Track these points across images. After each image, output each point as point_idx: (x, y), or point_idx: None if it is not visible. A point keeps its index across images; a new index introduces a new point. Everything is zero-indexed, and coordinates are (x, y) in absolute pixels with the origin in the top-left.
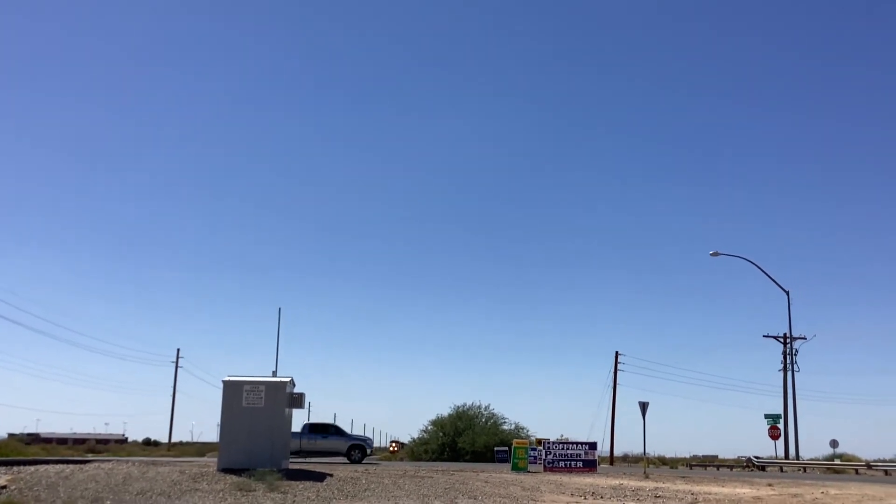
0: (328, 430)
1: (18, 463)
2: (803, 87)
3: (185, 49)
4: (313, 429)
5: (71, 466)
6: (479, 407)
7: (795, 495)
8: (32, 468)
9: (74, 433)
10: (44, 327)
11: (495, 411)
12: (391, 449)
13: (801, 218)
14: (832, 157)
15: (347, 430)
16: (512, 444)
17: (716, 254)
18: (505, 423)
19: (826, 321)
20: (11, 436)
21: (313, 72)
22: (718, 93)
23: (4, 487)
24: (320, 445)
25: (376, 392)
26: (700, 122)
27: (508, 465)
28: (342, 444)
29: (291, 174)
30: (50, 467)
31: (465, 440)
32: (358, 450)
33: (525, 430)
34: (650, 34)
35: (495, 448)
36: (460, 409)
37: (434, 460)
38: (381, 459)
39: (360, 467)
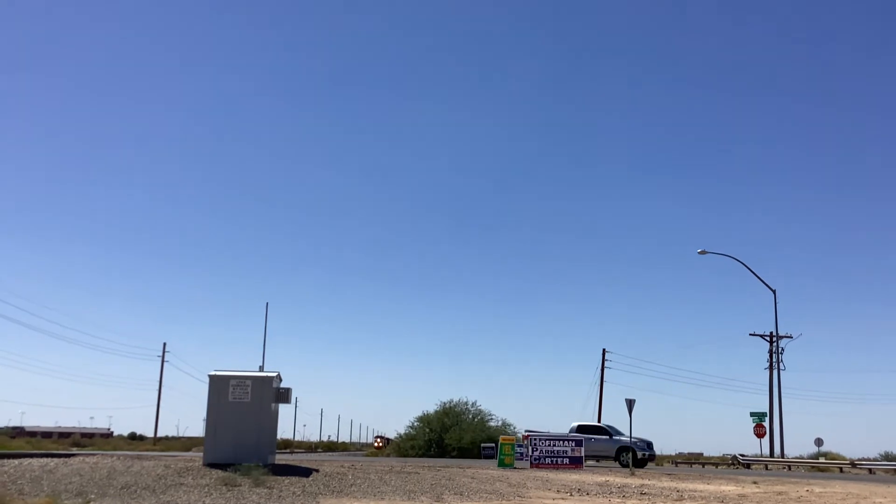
0: (597, 432)
1: (2, 456)
2: (791, 82)
3: (178, 39)
4: (582, 430)
5: (55, 460)
6: (466, 403)
7: (780, 493)
8: (16, 462)
9: (59, 427)
10: (29, 320)
11: (482, 408)
12: (376, 444)
13: (788, 216)
14: (820, 154)
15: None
16: (499, 440)
17: (703, 252)
18: (492, 419)
19: (812, 319)
20: None
21: (310, 61)
22: (706, 87)
23: None
24: (586, 448)
25: (363, 388)
26: (688, 118)
27: (495, 462)
28: (610, 447)
29: (280, 166)
30: (34, 461)
31: (452, 436)
32: (628, 453)
33: (512, 427)
34: (646, 28)
35: (482, 444)
36: (447, 406)
37: (421, 456)
38: (366, 455)
39: (346, 463)
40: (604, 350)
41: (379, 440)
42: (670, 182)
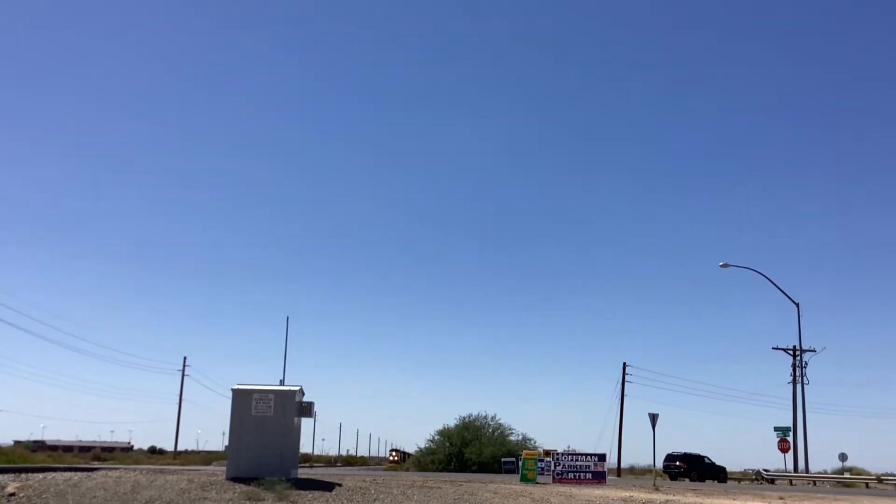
0: None
1: (26, 470)
2: (812, 97)
3: (194, 53)
4: None
5: (79, 474)
6: (486, 417)
7: None
8: (41, 475)
9: (80, 441)
10: (50, 334)
11: (502, 422)
12: (391, 458)
13: (810, 229)
14: (841, 167)
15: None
16: (521, 455)
17: (725, 265)
18: (512, 433)
19: (835, 333)
20: (17, 443)
21: (326, 77)
22: (726, 102)
23: (13, 495)
24: None
25: (382, 401)
26: (709, 132)
27: (516, 476)
28: None
29: (300, 181)
30: (58, 475)
31: (472, 451)
32: None
33: (532, 441)
34: (662, 44)
35: (502, 459)
36: (467, 420)
37: (441, 471)
38: (385, 469)
39: (368, 477)
40: (624, 364)
41: (394, 454)
42: (692, 196)
